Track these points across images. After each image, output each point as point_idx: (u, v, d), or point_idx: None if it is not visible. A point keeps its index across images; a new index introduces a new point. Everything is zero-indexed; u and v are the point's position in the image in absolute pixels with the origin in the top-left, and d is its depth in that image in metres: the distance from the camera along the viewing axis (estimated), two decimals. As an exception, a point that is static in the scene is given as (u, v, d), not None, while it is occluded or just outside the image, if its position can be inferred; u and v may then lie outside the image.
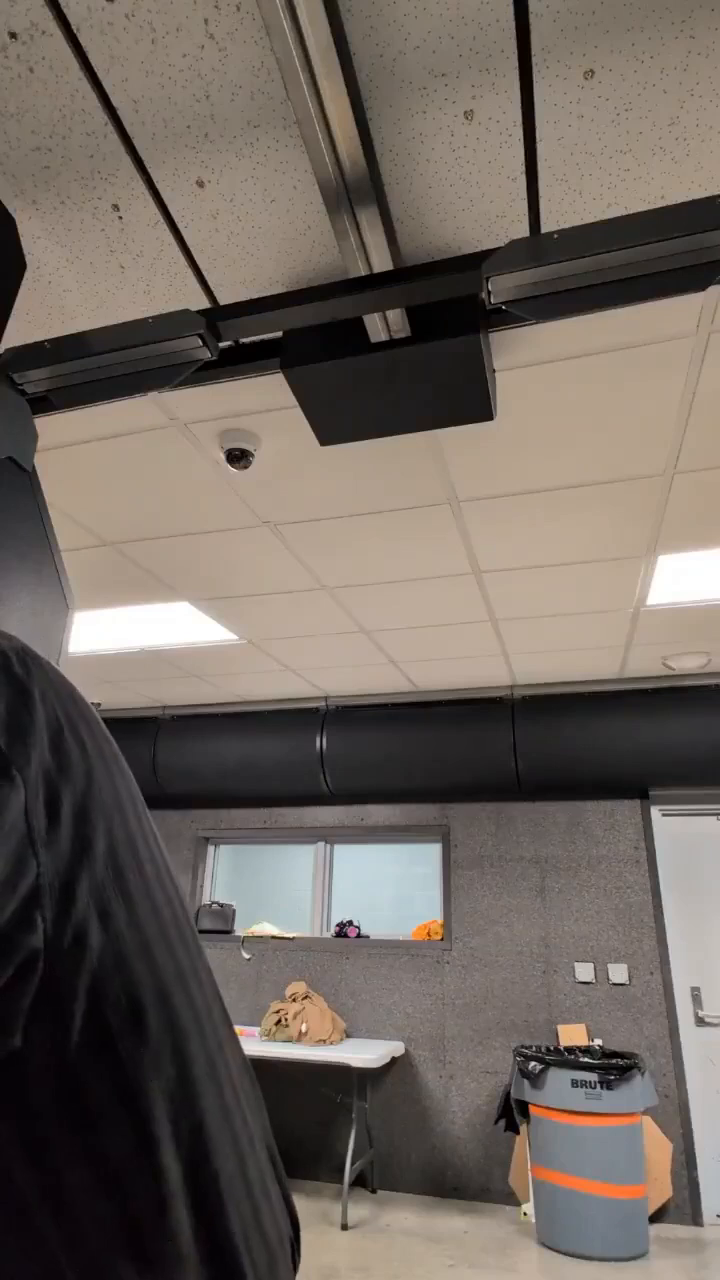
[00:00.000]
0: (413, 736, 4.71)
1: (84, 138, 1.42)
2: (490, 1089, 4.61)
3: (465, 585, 3.33)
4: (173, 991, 0.37)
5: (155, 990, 0.36)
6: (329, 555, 3.06)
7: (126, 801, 0.40)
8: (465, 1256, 3.72)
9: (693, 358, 1.95)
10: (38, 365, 1.66)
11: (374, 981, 5.00)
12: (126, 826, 0.39)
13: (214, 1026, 0.40)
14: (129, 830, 0.39)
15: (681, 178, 1.47)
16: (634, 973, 4.61)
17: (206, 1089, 0.38)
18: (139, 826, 0.40)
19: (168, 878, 0.42)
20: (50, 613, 1.48)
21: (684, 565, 3.09)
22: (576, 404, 2.14)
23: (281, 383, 2.04)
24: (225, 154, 1.45)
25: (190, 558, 3.11)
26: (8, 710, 0.36)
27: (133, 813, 0.41)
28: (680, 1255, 3.76)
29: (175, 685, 4.94)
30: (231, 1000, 5.25)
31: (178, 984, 0.38)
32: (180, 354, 1.63)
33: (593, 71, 1.30)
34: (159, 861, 0.41)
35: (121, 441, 2.34)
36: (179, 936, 0.40)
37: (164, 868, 0.42)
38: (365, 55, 1.28)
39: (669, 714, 4.37)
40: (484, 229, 1.59)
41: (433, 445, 2.32)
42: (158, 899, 0.39)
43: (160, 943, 0.37)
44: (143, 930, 0.37)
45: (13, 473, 1.46)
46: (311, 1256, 3.69)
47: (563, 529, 2.82)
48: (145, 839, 0.41)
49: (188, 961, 0.39)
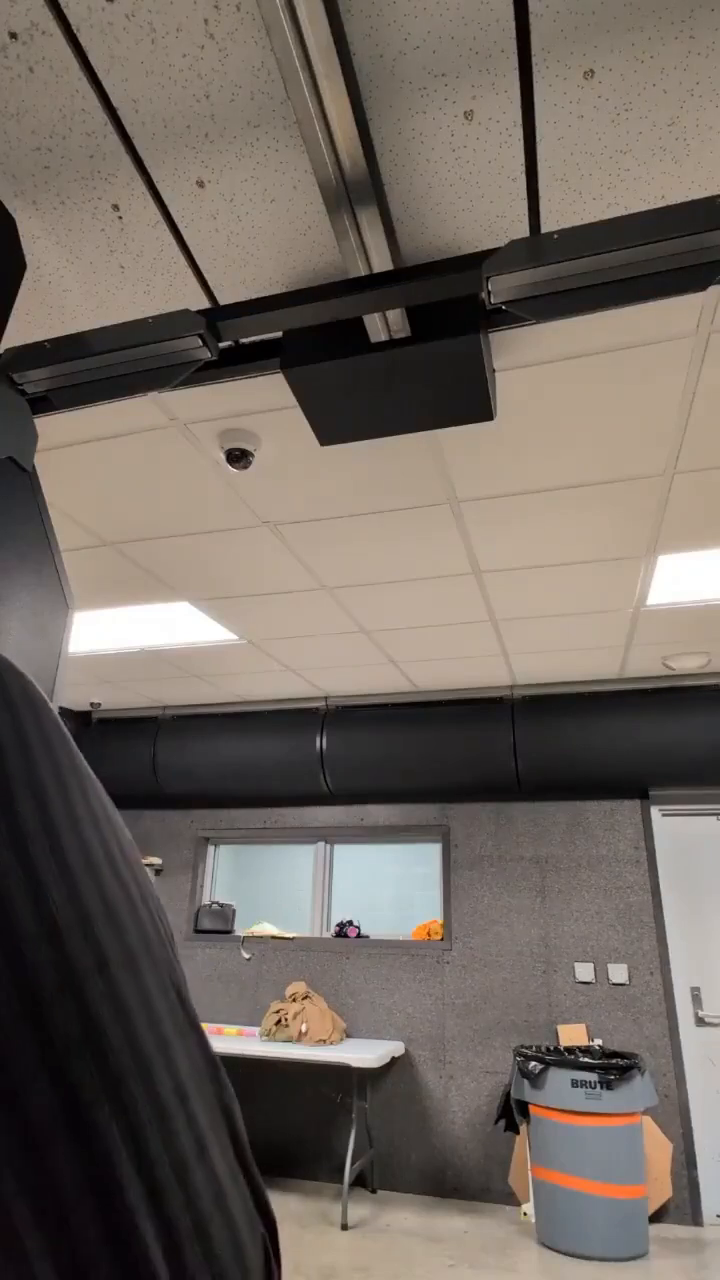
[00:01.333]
0: (413, 736, 4.71)
1: (84, 138, 1.42)
2: (490, 1089, 4.61)
3: (465, 585, 3.33)
4: (87, 982, 0.36)
5: (62, 980, 0.35)
6: (329, 555, 3.06)
7: (50, 786, 0.39)
8: (465, 1256, 3.72)
9: (693, 357, 1.95)
10: (38, 365, 1.66)
11: (374, 981, 5.00)
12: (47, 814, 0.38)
13: (151, 1022, 0.38)
14: (50, 819, 0.38)
15: (681, 178, 1.47)
16: (634, 973, 4.61)
17: (127, 1090, 0.36)
18: (67, 812, 0.39)
19: (106, 865, 0.41)
20: (50, 613, 1.48)
21: (684, 565, 3.09)
22: (576, 404, 2.14)
23: (281, 383, 2.04)
24: (225, 154, 1.45)
25: (190, 558, 3.11)
26: None
27: (61, 799, 0.40)
28: (680, 1255, 3.76)
29: (175, 685, 4.94)
30: (231, 1000, 5.25)
31: (98, 975, 0.36)
32: (180, 354, 1.63)
33: (593, 71, 1.30)
34: (93, 845, 0.40)
35: (121, 441, 2.34)
36: (109, 924, 0.38)
37: (104, 853, 0.41)
38: (365, 55, 1.28)
39: (669, 714, 4.37)
40: (484, 229, 1.60)
41: (433, 445, 2.32)
42: (81, 885, 0.38)
43: (74, 931, 0.36)
44: (51, 918, 0.35)
45: (13, 473, 1.46)
46: (311, 1256, 3.69)
47: (563, 529, 2.82)
48: (75, 827, 0.40)
49: (117, 951, 0.38)
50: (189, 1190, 0.37)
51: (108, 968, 0.37)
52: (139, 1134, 0.35)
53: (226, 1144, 0.41)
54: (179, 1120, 0.38)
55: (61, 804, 0.39)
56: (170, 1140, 0.37)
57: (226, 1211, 0.38)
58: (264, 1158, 4.83)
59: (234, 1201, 0.39)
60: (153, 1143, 0.36)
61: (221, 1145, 0.40)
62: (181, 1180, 0.36)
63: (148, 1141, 0.36)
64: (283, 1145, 4.83)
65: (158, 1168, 0.36)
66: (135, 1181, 0.34)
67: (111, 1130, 0.35)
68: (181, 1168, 0.37)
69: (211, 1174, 0.38)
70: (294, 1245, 3.80)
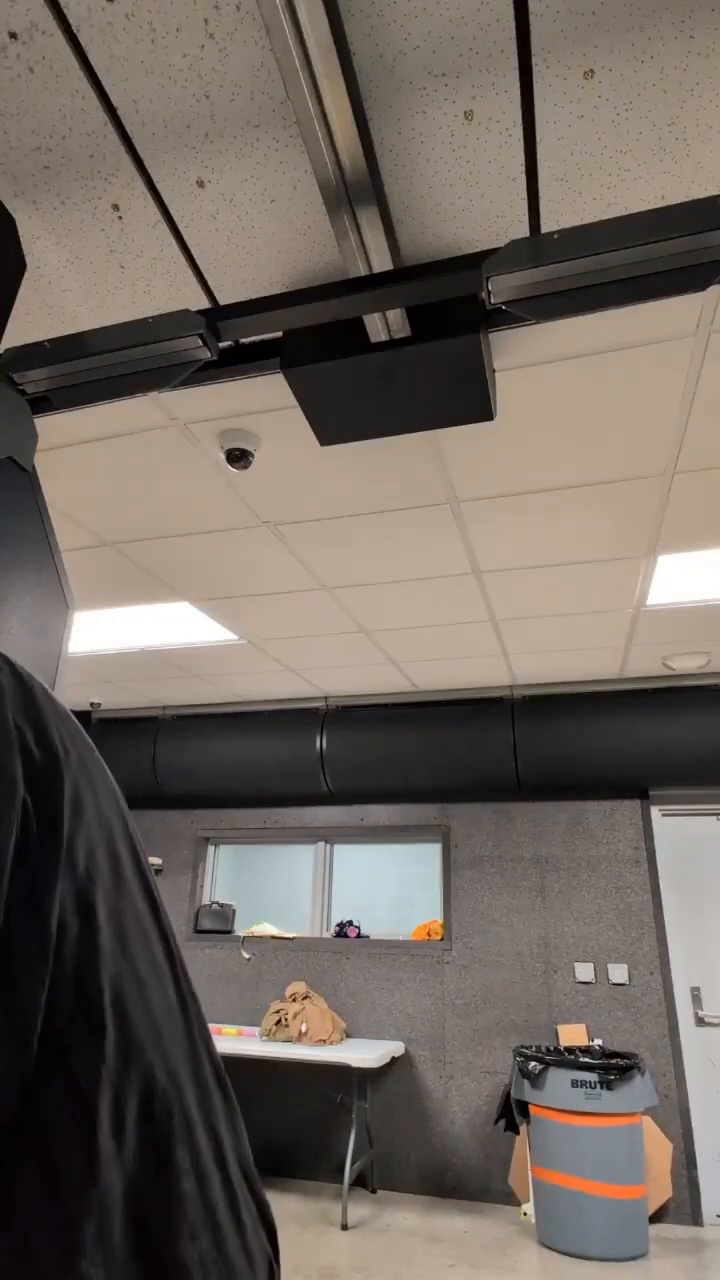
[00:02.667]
0: (413, 736, 4.71)
1: (84, 138, 1.42)
2: (490, 1089, 4.61)
3: (465, 585, 3.33)
4: (130, 1003, 0.36)
5: (113, 1001, 0.35)
6: (329, 555, 3.06)
7: (90, 806, 0.39)
8: (465, 1256, 3.72)
9: (693, 358, 1.95)
10: (38, 365, 1.66)
11: (374, 981, 5.00)
12: (109, 836, 0.38)
13: (175, 1038, 0.39)
14: (109, 838, 0.39)
15: (681, 178, 1.47)
16: (634, 973, 4.61)
17: (163, 1104, 0.37)
18: (113, 831, 0.40)
19: (136, 881, 0.41)
20: (50, 613, 1.48)
21: (684, 565, 3.09)
22: (576, 404, 2.14)
23: (281, 383, 2.04)
24: (225, 154, 1.45)
25: (190, 558, 3.11)
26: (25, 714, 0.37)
27: (98, 818, 0.40)
28: (680, 1255, 3.76)
29: (175, 685, 4.94)
30: (231, 1000, 5.25)
31: (135, 994, 0.37)
32: (180, 354, 1.63)
33: (593, 71, 1.30)
34: (127, 865, 0.41)
35: (121, 441, 2.34)
36: (142, 944, 0.39)
37: (133, 871, 0.41)
38: (365, 55, 1.28)
39: (669, 714, 4.37)
40: (484, 229, 1.59)
41: (433, 445, 2.32)
42: (120, 905, 0.38)
43: (116, 953, 0.37)
44: (99, 941, 0.36)
45: (13, 473, 1.46)
46: (311, 1256, 3.69)
47: (563, 529, 2.82)
48: (115, 844, 0.40)
49: (149, 969, 0.39)
50: (209, 1202, 0.38)
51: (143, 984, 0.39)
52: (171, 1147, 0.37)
53: (234, 1154, 0.42)
54: (201, 1134, 0.39)
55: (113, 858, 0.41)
56: (195, 1154, 0.38)
57: (239, 1221, 0.40)
58: (264, 1158, 4.83)
59: (244, 1210, 0.41)
60: (182, 1159, 0.38)
61: (232, 1155, 0.42)
62: (203, 1192, 0.38)
63: (179, 1157, 0.37)
64: (283, 1145, 4.83)
65: (184, 1181, 0.37)
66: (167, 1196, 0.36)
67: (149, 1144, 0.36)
68: (204, 1181, 0.38)
69: (228, 1184, 0.40)
70: (294, 1245, 3.80)
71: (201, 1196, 0.37)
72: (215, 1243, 0.37)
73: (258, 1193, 0.43)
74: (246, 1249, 0.39)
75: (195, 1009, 0.42)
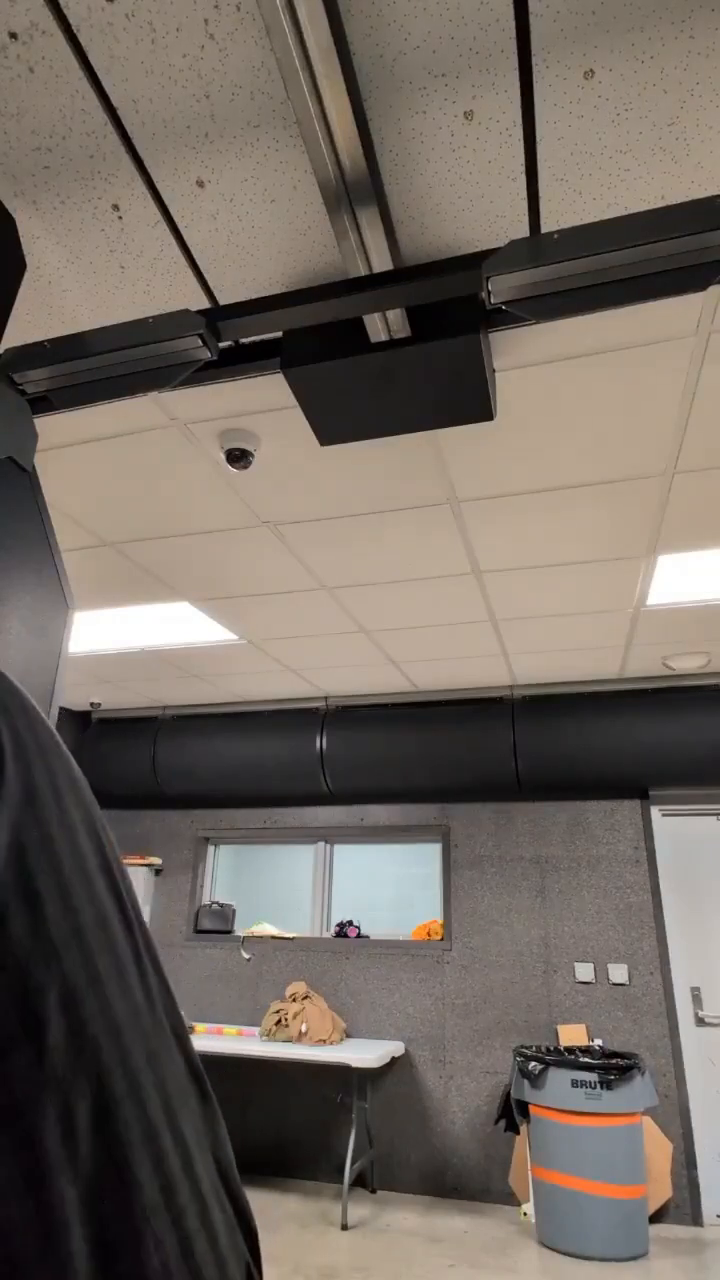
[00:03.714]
0: (413, 736, 4.71)
1: (84, 138, 1.42)
2: (490, 1089, 4.61)
3: (465, 585, 3.33)
4: (84, 999, 0.35)
5: (60, 1000, 0.34)
6: (329, 555, 3.06)
7: (46, 794, 0.38)
8: (465, 1256, 3.72)
9: (693, 357, 1.95)
10: (38, 365, 1.66)
11: (374, 981, 5.00)
12: (43, 822, 0.37)
13: (141, 1036, 0.37)
14: (46, 827, 0.37)
15: (681, 178, 1.47)
16: (634, 973, 4.61)
17: (121, 1109, 0.35)
18: (62, 820, 0.39)
19: (99, 875, 0.40)
20: (50, 613, 1.48)
21: (684, 565, 3.09)
22: (577, 404, 2.14)
23: (281, 383, 2.04)
24: (225, 154, 1.45)
25: (190, 558, 3.11)
26: None
27: (55, 807, 0.39)
28: (680, 1255, 3.76)
29: (175, 685, 4.94)
30: (231, 1000, 5.25)
31: (91, 990, 0.35)
32: (180, 354, 1.63)
33: (593, 71, 1.30)
34: (87, 858, 0.40)
35: (121, 441, 2.34)
36: (101, 938, 0.37)
37: (96, 865, 0.40)
38: (365, 55, 1.28)
39: (669, 714, 4.37)
40: (484, 229, 1.59)
41: (433, 445, 2.32)
42: (76, 899, 0.37)
43: (71, 946, 0.35)
44: (48, 934, 0.34)
45: (13, 473, 1.46)
46: (311, 1256, 3.68)
47: (563, 529, 2.82)
48: (70, 835, 0.39)
49: (109, 964, 0.37)
50: (175, 1209, 0.36)
51: (99, 981, 0.36)
52: (130, 1154, 0.35)
53: (209, 1157, 0.40)
54: (166, 1138, 0.37)
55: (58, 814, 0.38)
56: (159, 1160, 0.36)
57: (210, 1227, 0.38)
58: (264, 1158, 4.83)
59: (217, 1216, 0.39)
60: (143, 1165, 0.35)
61: (205, 1159, 0.40)
62: (169, 1200, 0.36)
63: (139, 1164, 0.35)
64: (283, 1145, 4.83)
65: (147, 1189, 0.35)
66: (128, 1204, 0.34)
67: (106, 1151, 0.34)
68: (169, 1188, 0.36)
69: (196, 1190, 0.38)
70: (294, 1245, 3.80)
71: (167, 1205, 0.36)
72: (182, 1252, 0.36)
73: (237, 1197, 0.42)
74: (218, 1254, 0.38)
75: (167, 1005, 0.41)
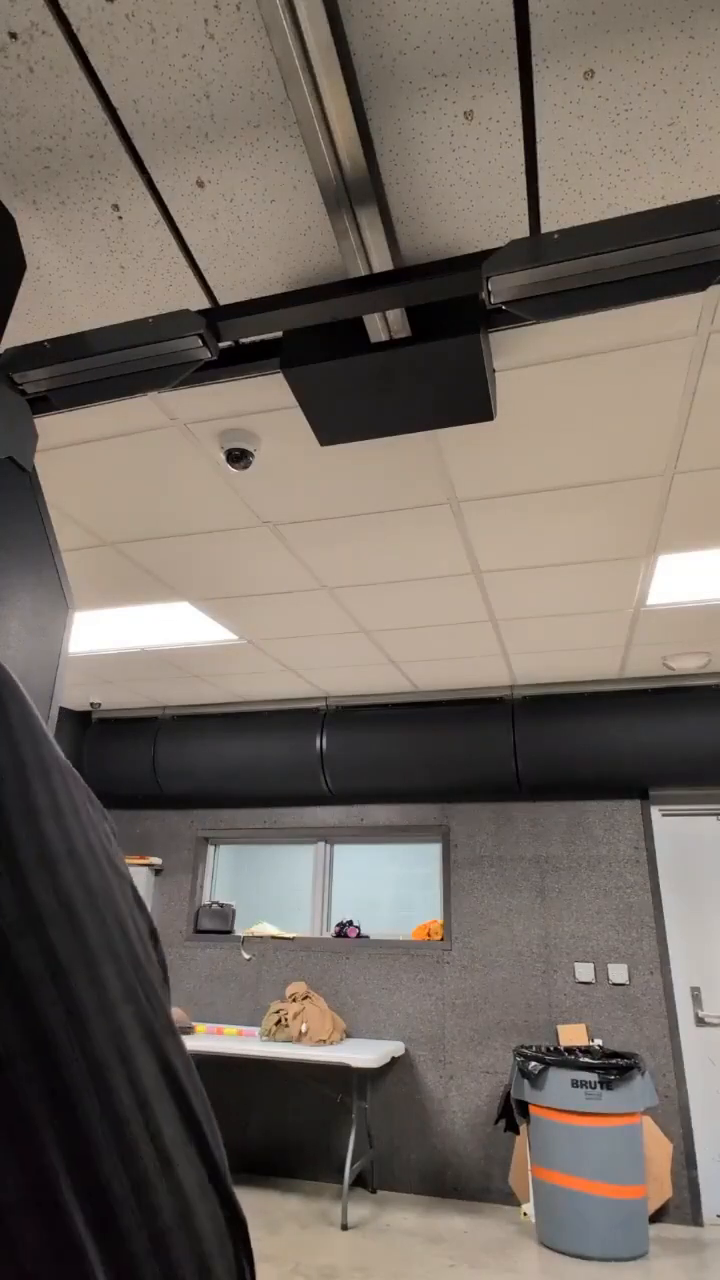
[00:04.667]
0: (413, 736, 4.71)
1: (84, 138, 1.42)
2: (490, 1089, 4.61)
3: (465, 585, 3.33)
4: (36, 987, 0.34)
5: (10, 985, 0.33)
6: (329, 555, 3.06)
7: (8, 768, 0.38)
8: (465, 1256, 3.72)
9: (693, 358, 1.95)
10: (38, 365, 1.66)
11: (374, 982, 5.00)
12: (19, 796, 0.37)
13: (113, 1026, 0.36)
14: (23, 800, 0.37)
15: (681, 178, 1.47)
16: (634, 973, 4.61)
17: (79, 1103, 0.34)
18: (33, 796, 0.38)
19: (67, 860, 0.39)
20: (50, 613, 1.48)
21: (684, 565, 3.09)
22: (577, 404, 2.14)
23: (281, 383, 2.04)
24: (225, 154, 1.45)
25: (190, 558, 3.11)
26: None
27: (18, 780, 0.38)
28: (680, 1255, 3.76)
29: (175, 685, 4.94)
30: (231, 1000, 5.25)
31: (46, 978, 0.34)
32: (180, 354, 1.63)
33: (593, 71, 1.30)
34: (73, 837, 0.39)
35: (121, 441, 2.34)
36: (68, 924, 0.36)
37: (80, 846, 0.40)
38: (365, 55, 1.28)
39: (669, 714, 4.37)
40: (484, 229, 1.59)
41: (433, 445, 2.32)
42: (35, 885, 0.36)
43: (30, 930, 0.35)
44: (5, 914, 0.34)
45: (13, 473, 1.46)
46: (311, 1256, 3.68)
47: (563, 529, 2.82)
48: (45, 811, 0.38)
49: (75, 950, 0.36)
50: (147, 1209, 0.35)
51: (62, 971, 0.35)
52: (89, 1149, 0.34)
53: (194, 1155, 0.39)
54: (139, 1134, 0.36)
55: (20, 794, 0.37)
56: (128, 1154, 0.35)
57: (191, 1227, 0.37)
58: (264, 1158, 4.83)
59: (200, 1216, 0.38)
60: (106, 1159, 0.34)
61: (189, 1156, 0.39)
62: (139, 1199, 0.35)
63: (100, 1158, 0.34)
64: (283, 1145, 4.83)
65: (113, 1185, 0.34)
66: (86, 1201, 0.33)
67: (59, 1144, 0.33)
68: (140, 1186, 0.35)
69: (177, 1189, 0.37)
70: (294, 1245, 3.80)
71: (137, 1201, 0.35)
72: (155, 1246, 0.35)
73: (226, 1198, 0.41)
74: (202, 1256, 0.38)
75: (151, 1001, 0.40)
